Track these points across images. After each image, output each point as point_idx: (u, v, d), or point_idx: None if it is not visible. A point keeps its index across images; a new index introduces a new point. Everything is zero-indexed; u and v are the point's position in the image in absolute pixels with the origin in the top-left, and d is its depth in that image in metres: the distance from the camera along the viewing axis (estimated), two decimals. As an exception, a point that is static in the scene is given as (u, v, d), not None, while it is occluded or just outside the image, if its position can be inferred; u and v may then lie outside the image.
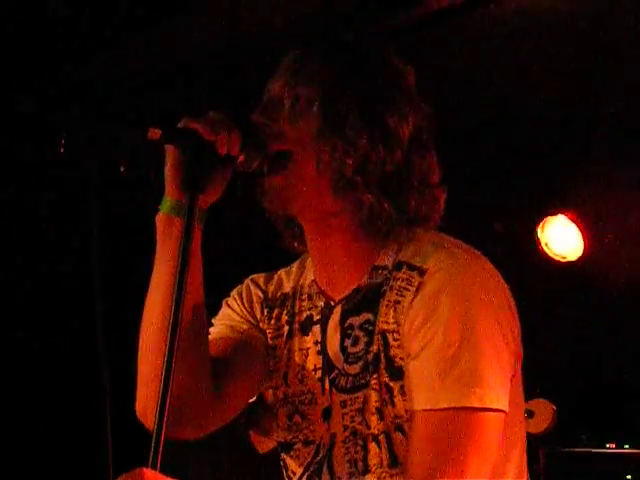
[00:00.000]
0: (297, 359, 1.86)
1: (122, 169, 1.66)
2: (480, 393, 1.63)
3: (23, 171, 3.85)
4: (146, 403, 1.75)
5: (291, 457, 1.86)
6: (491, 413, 1.64)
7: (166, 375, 1.52)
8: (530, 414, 3.93)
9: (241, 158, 1.73)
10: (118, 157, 1.68)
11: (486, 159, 4.40)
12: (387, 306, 1.74)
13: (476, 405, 1.62)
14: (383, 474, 1.73)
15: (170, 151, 1.71)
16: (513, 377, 1.73)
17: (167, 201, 1.73)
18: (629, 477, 4.34)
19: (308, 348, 1.85)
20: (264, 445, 3.68)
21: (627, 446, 4.33)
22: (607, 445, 4.34)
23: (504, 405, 1.66)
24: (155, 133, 1.66)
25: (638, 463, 4.32)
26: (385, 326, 1.73)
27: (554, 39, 3.69)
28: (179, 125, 1.70)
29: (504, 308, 1.72)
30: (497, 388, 1.65)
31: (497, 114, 4.15)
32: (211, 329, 1.90)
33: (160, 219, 1.74)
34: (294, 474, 1.86)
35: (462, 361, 1.63)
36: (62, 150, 1.62)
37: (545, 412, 3.99)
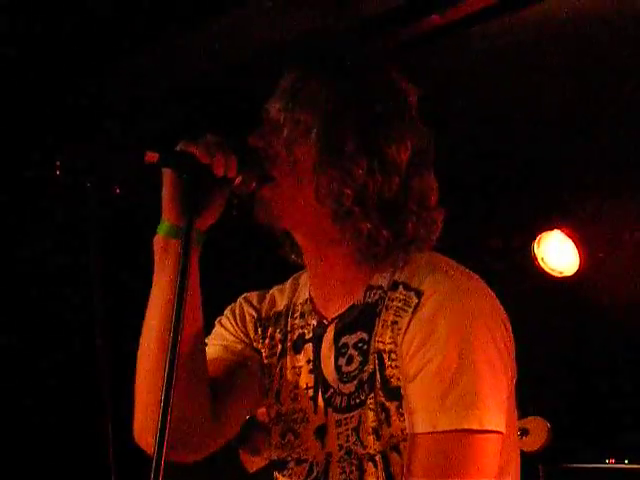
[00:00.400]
0: (289, 377, 1.86)
1: (117, 190, 1.66)
2: (479, 415, 1.63)
3: (19, 194, 3.86)
4: (144, 426, 1.75)
5: (284, 476, 1.86)
6: (490, 435, 1.64)
7: (166, 398, 1.52)
8: (525, 432, 3.92)
9: (238, 180, 1.74)
10: (114, 180, 1.68)
11: (482, 175, 4.41)
12: (383, 326, 1.73)
13: (475, 427, 1.63)
14: None
15: (167, 174, 1.72)
16: (508, 396, 1.73)
17: (164, 224, 1.73)
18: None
19: (300, 366, 1.85)
20: (253, 464, 3.67)
21: (627, 461, 4.32)
22: (607, 460, 4.33)
23: (501, 426, 1.67)
24: (152, 156, 1.67)
25: (638, 478, 4.31)
26: (381, 346, 1.73)
27: (550, 54, 3.71)
28: (176, 148, 1.70)
29: (500, 328, 1.73)
30: (495, 410, 1.65)
31: (494, 130, 4.16)
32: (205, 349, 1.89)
33: (158, 242, 1.74)
34: None
35: (460, 384, 1.63)
36: (58, 173, 1.62)
37: (540, 430, 3.97)
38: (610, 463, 4.34)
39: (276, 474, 1.88)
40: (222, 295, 2.00)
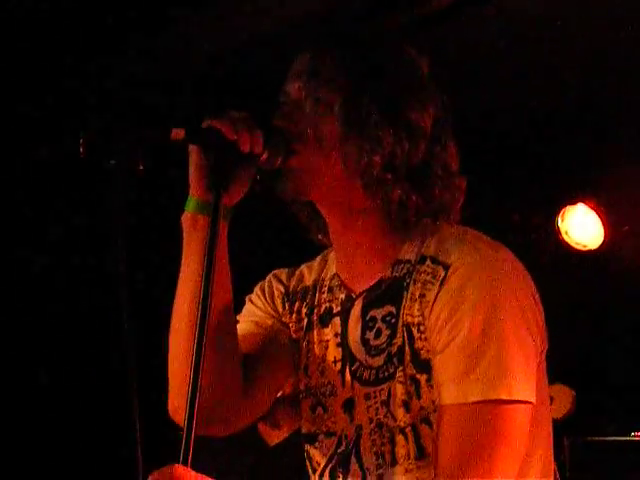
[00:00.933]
0: (317, 351, 1.87)
1: (141, 168, 1.66)
2: (508, 385, 1.63)
3: (41, 174, 3.88)
4: (178, 401, 1.76)
5: (315, 448, 1.88)
6: (519, 405, 1.65)
7: (195, 373, 1.53)
8: (549, 400, 3.92)
9: (264, 156, 1.74)
10: (141, 158, 1.68)
11: (505, 149, 4.39)
12: (411, 299, 1.74)
13: (504, 397, 1.63)
14: (410, 466, 1.73)
15: (193, 151, 1.73)
16: (538, 368, 1.73)
17: (192, 200, 1.74)
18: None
19: (328, 340, 1.86)
20: (273, 437, 3.69)
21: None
22: (632, 434, 4.33)
23: (532, 397, 1.67)
24: (178, 133, 1.67)
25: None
26: (409, 319, 1.74)
27: (573, 25, 3.68)
28: (202, 125, 1.71)
29: (529, 299, 1.73)
30: (524, 380, 1.66)
31: (515, 103, 4.14)
32: (237, 326, 1.90)
33: (186, 218, 1.75)
34: (319, 465, 1.87)
35: (489, 354, 1.64)
36: (82, 151, 1.62)
37: (565, 397, 3.97)
38: (636, 436, 4.34)
39: (307, 446, 1.90)
40: (250, 275, 2.00)
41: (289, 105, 1.80)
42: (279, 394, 1.93)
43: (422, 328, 1.72)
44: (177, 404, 1.77)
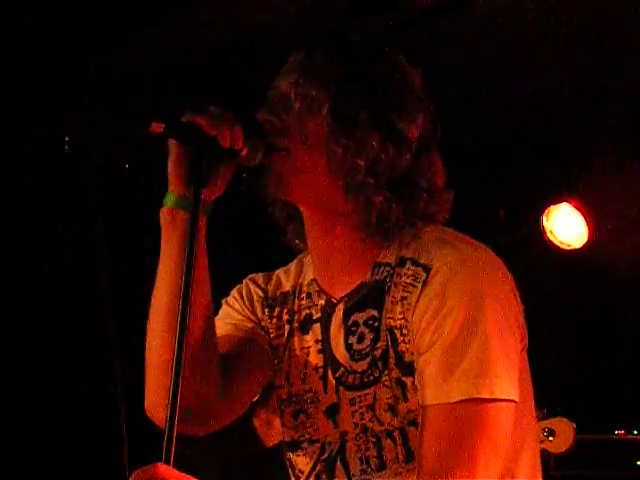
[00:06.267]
0: (298, 358, 1.85)
1: (126, 166, 1.65)
2: (490, 384, 1.62)
3: (25, 170, 3.85)
4: (155, 399, 1.75)
5: (298, 455, 1.86)
6: (502, 403, 1.64)
7: (176, 371, 1.51)
8: (551, 432, 3.93)
9: (244, 151, 1.72)
10: (121, 151, 1.67)
11: (490, 147, 4.40)
12: (393, 302, 1.73)
13: (486, 396, 1.62)
14: (399, 469, 1.72)
15: (173, 145, 1.71)
16: (520, 366, 1.72)
17: (171, 195, 1.72)
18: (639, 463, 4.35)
19: (309, 347, 1.84)
20: (271, 438, 3.68)
21: (636, 432, 4.33)
22: (616, 432, 4.34)
23: (514, 395, 1.66)
24: (158, 127, 1.66)
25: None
26: (392, 322, 1.73)
27: (558, 28, 3.68)
28: (182, 119, 1.69)
29: (509, 297, 1.73)
30: (507, 378, 1.65)
31: (501, 102, 4.15)
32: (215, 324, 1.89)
33: (165, 213, 1.73)
34: (302, 472, 1.85)
35: (471, 354, 1.63)
36: (67, 149, 1.61)
37: (566, 431, 3.97)
38: (619, 434, 4.35)
39: (289, 454, 1.88)
40: (224, 278, 1.99)
41: (277, 100, 1.79)
42: (256, 397, 1.92)
43: (405, 331, 1.71)
44: (154, 400, 1.75)
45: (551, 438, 3.92)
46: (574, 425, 3.99)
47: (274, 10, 3.51)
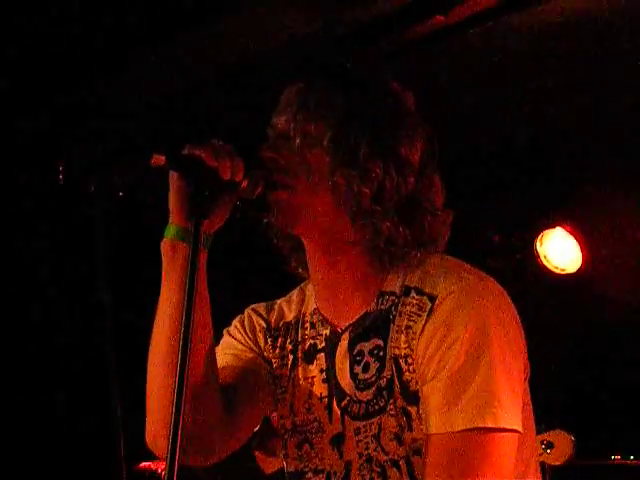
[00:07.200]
0: (302, 388, 1.85)
1: (120, 194, 1.65)
2: (494, 413, 1.63)
3: (21, 201, 3.85)
4: (156, 431, 1.75)
5: None
6: (506, 433, 1.65)
7: (177, 402, 1.51)
8: (550, 445, 3.93)
9: (244, 184, 1.73)
10: (120, 183, 1.67)
11: (485, 172, 4.41)
12: (398, 331, 1.74)
13: (490, 425, 1.63)
14: None
15: (174, 177, 1.71)
16: (523, 396, 1.73)
17: (172, 227, 1.73)
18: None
19: (313, 377, 1.84)
20: (270, 465, 3.68)
21: (632, 457, 4.32)
22: (612, 457, 4.33)
23: (518, 425, 1.67)
24: (159, 159, 1.66)
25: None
26: (397, 351, 1.73)
27: (554, 56, 3.71)
28: (183, 151, 1.70)
29: (514, 327, 1.74)
30: (511, 408, 1.66)
31: (497, 128, 4.17)
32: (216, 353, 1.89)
33: (165, 245, 1.74)
34: None
35: (476, 383, 1.64)
36: (61, 178, 1.61)
37: (565, 444, 3.97)
38: (616, 460, 4.34)
39: None
40: (224, 308, 1.99)
41: (277, 138, 1.79)
42: (257, 427, 1.92)
43: (410, 360, 1.72)
44: (155, 431, 1.75)
45: (549, 450, 3.92)
46: (573, 438, 3.98)
47: (265, 41, 3.52)
